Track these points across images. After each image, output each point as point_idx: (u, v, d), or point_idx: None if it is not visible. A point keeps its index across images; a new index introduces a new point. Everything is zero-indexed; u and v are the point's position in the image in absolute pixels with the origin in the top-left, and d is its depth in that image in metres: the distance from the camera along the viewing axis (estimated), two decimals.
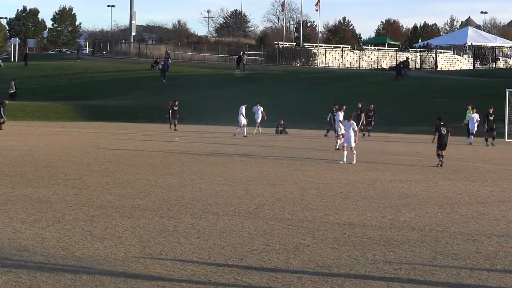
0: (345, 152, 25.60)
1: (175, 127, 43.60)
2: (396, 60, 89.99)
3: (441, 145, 25.32)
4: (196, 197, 16.26)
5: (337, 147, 30.11)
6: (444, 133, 25.51)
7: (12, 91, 65.95)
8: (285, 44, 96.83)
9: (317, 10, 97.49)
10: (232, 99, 55.88)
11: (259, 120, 42.93)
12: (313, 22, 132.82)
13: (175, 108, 44.59)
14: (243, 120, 40.03)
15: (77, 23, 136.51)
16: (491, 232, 12.99)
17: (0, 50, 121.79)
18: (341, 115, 30.60)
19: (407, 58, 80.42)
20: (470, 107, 41.18)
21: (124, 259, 10.28)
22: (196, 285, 9.10)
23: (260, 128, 42.60)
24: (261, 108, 43.48)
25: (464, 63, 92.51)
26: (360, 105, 42.85)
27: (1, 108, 42.02)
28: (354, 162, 24.94)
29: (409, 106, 54.81)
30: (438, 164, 24.93)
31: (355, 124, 26.46)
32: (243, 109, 40.42)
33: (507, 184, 20.59)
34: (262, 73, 76.62)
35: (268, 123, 48.02)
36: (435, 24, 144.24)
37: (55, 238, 11.53)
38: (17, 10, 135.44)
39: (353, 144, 25.51)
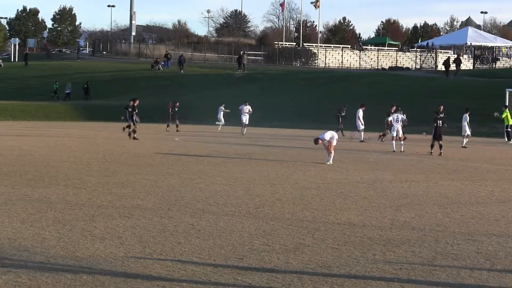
0: (394, 142, 31.04)
1: (177, 127, 43.54)
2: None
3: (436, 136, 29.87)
4: (196, 197, 16.25)
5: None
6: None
7: (68, 91, 66.87)
8: (285, 44, 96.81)
9: (317, 8, 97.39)
10: (232, 99, 55.86)
11: (247, 121, 42.82)
12: (313, 22, 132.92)
13: (176, 109, 44.49)
14: (361, 125, 38.34)
15: (77, 23, 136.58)
16: (491, 232, 12.98)
17: (0, 50, 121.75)
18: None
19: (459, 55, 79.86)
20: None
21: (124, 259, 10.27)
22: (196, 285, 9.09)
23: (243, 129, 42.49)
24: (249, 107, 43.40)
25: (464, 63, 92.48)
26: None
27: (129, 113, 36.31)
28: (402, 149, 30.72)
29: (409, 106, 54.77)
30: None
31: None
32: (360, 112, 38.50)
33: (507, 184, 20.59)
34: (262, 73, 76.66)
35: (267, 123, 48.06)
36: (435, 24, 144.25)
37: (55, 238, 11.52)
38: (17, 10, 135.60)
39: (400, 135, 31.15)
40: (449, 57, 78.68)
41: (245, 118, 42.85)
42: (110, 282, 9.07)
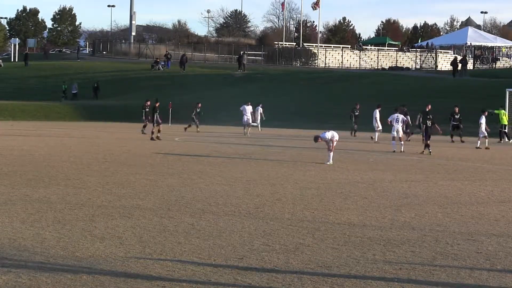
0: (394, 142, 31.06)
1: (197, 127, 43.20)
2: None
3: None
4: (196, 197, 16.25)
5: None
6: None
7: (74, 92, 67.16)
8: (285, 44, 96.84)
9: (314, 9, 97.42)
10: (232, 99, 55.90)
11: (250, 122, 42.68)
12: (313, 22, 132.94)
13: (198, 110, 43.73)
14: (379, 125, 38.00)
15: (77, 23, 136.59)
16: (491, 232, 12.98)
17: (0, 50, 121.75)
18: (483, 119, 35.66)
19: (465, 55, 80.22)
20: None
21: (124, 259, 10.27)
22: (196, 285, 9.09)
23: (245, 129, 42.35)
24: (251, 108, 43.34)
25: None
26: (357, 106, 42.82)
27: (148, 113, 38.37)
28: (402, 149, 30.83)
29: (409, 106, 54.78)
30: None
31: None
32: (377, 113, 38.25)
33: (507, 184, 20.58)
34: (262, 73, 76.69)
35: (267, 123, 48.00)
36: (435, 24, 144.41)
37: (55, 238, 11.52)
38: (17, 10, 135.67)
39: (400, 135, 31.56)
40: (456, 57, 78.85)
41: (247, 119, 42.75)
42: (110, 282, 9.07)
